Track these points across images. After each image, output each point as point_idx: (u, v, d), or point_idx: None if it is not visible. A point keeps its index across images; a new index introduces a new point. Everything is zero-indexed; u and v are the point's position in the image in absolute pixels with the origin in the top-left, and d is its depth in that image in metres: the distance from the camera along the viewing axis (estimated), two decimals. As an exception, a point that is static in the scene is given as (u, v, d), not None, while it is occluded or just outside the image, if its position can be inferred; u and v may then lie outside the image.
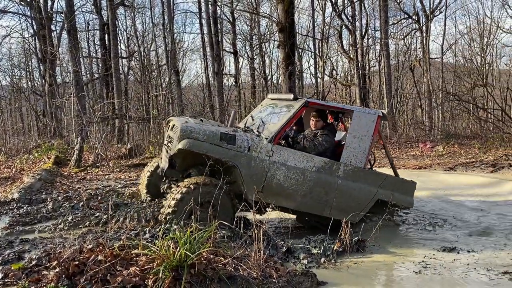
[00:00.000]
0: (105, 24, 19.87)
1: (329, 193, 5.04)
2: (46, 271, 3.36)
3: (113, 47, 16.29)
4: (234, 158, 4.79)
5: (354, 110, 5.26)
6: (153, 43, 23.95)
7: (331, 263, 4.13)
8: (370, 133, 5.16)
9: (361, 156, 5.14)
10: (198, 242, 3.48)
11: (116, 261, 3.43)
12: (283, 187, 4.94)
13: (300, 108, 5.07)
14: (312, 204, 5.03)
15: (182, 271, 3.27)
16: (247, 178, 4.82)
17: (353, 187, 5.10)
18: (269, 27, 25.09)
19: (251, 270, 3.54)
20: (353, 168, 5.11)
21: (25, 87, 27.52)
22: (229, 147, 4.80)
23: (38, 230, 5.01)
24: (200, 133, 4.77)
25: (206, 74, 21.12)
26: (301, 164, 5.00)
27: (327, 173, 5.05)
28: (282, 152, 4.98)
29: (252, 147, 4.88)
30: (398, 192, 5.32)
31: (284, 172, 4.94)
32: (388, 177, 5.38)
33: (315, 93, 17.24)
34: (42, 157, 11.33)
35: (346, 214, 4.85)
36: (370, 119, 5.19)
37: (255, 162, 4.87)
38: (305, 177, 4.98)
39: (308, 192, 5.00)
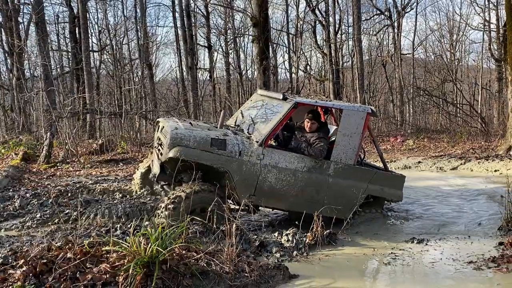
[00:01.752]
0: (75, 16, 19.37)
1: (320, 192, 5.11)
2: (12, 270, 3.27)
3: (84, 40, 15.91)
4: (225, 164, 4.81)
5: (344, 109, 5.25)
6: (125, 36, 23.53)
7: (303, 256, 4.18)
8: (360, 130, 5.19)
9: (351, 153, 5.19)
10: (170, 238, 3.46)
11: (86, 258, 3.38)
12: (275, 189, 4.99)
13: (289, 110, 5.05)
14: (304, 204, 5.03)
15: (153, 267, 3.25)
16: (239, 183, 4.85)
17: (343, 184, 5.17)
18: (243, 22, 25.02)
19: (223, 265, 3.54)
20: (343, 166, 5.17)
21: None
22: (220, 153, 4.79)
23: (4, 229, 4.87)
24: (190, 140, 4.75)
25: (180, 69, 20.92)
26: (292, 165, 5.04)
27: (318, 172, 5.10)
28: (273, 155, 5.01)
29: (243, 151, 4.89)
30: (388, 186, 5.44)
31: (276, 175, 4.99)
32: (377, 172, 5.49)
33: (289, 88, 17.33)
34: (10, 153, 11.00)
35: (338, 211, 4.95)
36: (359, 116, 5.19)
37: (247, 167, 4.89)
38: (297, 178, 5.04)
39: (299, 192, 5.06)
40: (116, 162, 9.81)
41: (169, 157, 4.70)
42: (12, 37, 17.71)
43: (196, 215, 4.53)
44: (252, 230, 4.99)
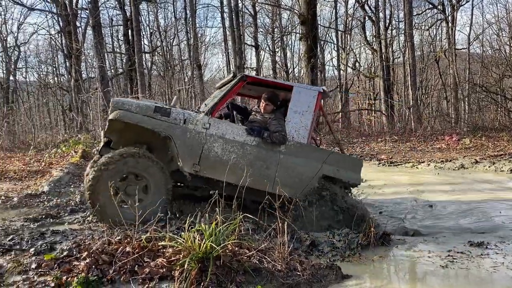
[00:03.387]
0: (128, 19, 20.13)
1: (271, 168, 4.97)
2: (76, 262, 3.46)
3: (137, 42, 16.48)
4: (167, 129, 4.77)
5: (294, 86, 5.22)
6: (175, 38, 24.16)
7: (356, 257, 4.11)
8: (311, 108, 5.10)
9: (303, 132, 5.08)
10: (223, 235, 3.53)
11: (143, 252, 3.52)
12: (221, 160, 4.88)
13: (237, 82, 5.05)
14: (254, 179, 4.80)
15: (208, 263, 3.32)
16: (182, 149, 4.80)
17: (296, 162, 5.02)
18: (290, 20, 24.96)
19: (275, 262, 3.56)
20: (295, 144, 5.03)
21: (51, 82, 28.19)
22: (163, 119, 4.79)
23: (67, 222, 5.14)
24: (132, 105, 4.80)
25: (227, 68, 21.18)
26: (240, 137, 4.95)
27: (269, 148, 4.97)
28: (220, 125, 4.95)
29: (188, 119, 4.87)
30: (344, 168, 5.18)
31: (222, 145, 4.90)
32: (333, 153, 5.35)
33: (338, 85, 17.08)
34: (70, 151, 11.60)
35: (291, 189, 4.80)
36: (310, 94, 5.14)
37: (191, 134, 4.84)
38: (245, 151, 4.94)
39: (248, 166, 4.86)
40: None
41: (109, 120, 4.75)
42: (70, 40, 18.67)
43: (131, 181, 4.65)
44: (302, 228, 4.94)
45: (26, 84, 29.68)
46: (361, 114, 20.55)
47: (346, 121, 17.46)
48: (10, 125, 17.83)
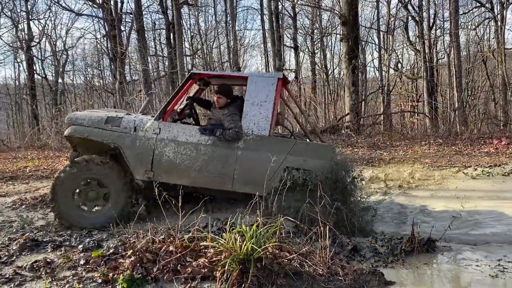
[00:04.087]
0: (170, 23, 20.58)
1: (228, 165, 4.80)
2: (122, 259, 3.57)
3: (178, 45, 16.81)
4: (116, 140, 4.82)
5: (249, 76, 4.99)
6: (215, 40, 24.46)
7: (399, 263, 4.01)
8: (271, 98, 4.83)
9: (264, 124, 4.83)
10: (263, 237, 3.53)
11: (186, 252, 3.58)
12: (174, 163, 4.82)
13: (184, 81, 4.97)
14: (209, 179, 4.82)
15: (249, 265, 3.34)
16: (131, 158, 4.82)
17: (255, 157, 4.78)
18: (331, 20, 24.69)
19: (316, 266, 3.53)
20: (254, 137, 4.82)
21: (97, 85, 29.23)
22: (113, 129, 4.85)
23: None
24: (85, 119, 4.94)
25: (266, 70, 21.22)
26: (193, 138, 4.84)
27: (225, 146, 4.82)
28: (171, 128, 4.87)
29: (138, 127, 4.86)
30: (312, 157, 4.83)
31: (174, 148, 4.82)
32: (298, 143, 5.02)
33: (380, 87, 16.74)
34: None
35: (252, 186, 4.66)
36: (268, 83, 4.87)
37: (141, 141, 4.83)
38: (199, 152, 4.82)
39: (203, 167, 4.80)
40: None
41: (64, 136, 5.03)
42: (115, 44, 19.31)
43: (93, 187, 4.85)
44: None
45: (73, 87, 30.95)
46: (403, 116, 20.02)
47: (388, 123, 17.07)
48: (58, 125, 18.65)
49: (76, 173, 4.79)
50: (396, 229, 5.13)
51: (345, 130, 14.71)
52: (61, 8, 25.81)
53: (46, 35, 28.64)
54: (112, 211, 4.71)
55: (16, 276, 3.42)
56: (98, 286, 3.24)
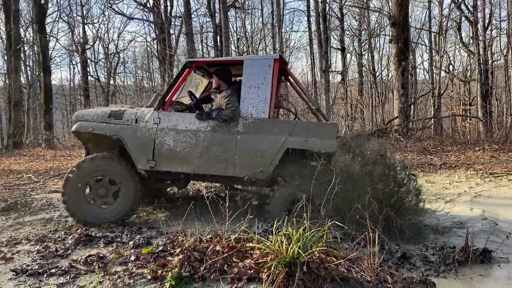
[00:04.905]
0: (217, 26, 20.90)
1: (228, 151, 4.79)
2: (170, 257, 3.64)
3: (225, 48, 17.04)
4: (119, 132, 4.94)
5: (244, 59, 4.95)
6: (260, 43, 24.59)
7: (451, 273, 3.84)
8: (268, 79, 4.77)
9: (262, 106, 4.77)
10: (310, 241, 3.50)
11: (232, 252, 3.60)
12: (175, 152, 4.87)
13: (181, 70, 5.01)
14: (211, 165, 4.83)
15: (295, 268, 3.31)
16: (133, 148, 4.92)
17: (255, 140, 4.76)
18: (379, 21, 24.17)
19: (364, 273, 3.45)
20: (254, 121, 4.78)
21: (146, 86, 30.16)
22: (116, 122, 4.99)
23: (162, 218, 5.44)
24: (90, 115, 5.13)
25: (312, 72, 21.08)
26: (193, 126, 4.86)
27: (224, 131, 4.80)
28: (171, 117, 4.93)
29: (139, 118, 4.98)
30: (314, 137, 4.73)
31: (174, 137, 4.87)
32: (298, 123, 4.93)
33: (431, 89, 16.17)
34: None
35: (252, 169, 4.72)
36: (265, 64, 4.81)
37: (142, 132, 4.93)
38: (198, 138, 4.83)
39: (204, 153, 4.82)
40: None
41: (72, 132, 5.27)
42: (164, 47, 19.85)
43: (105, 185, 5.00)
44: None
45: (124, 88, 32.12)
46: (454, 120, 19.23)
47: (439, 127, 16.46)
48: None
49: (83, 172, 4.97)
50: (447, 238, 4.92)
51: (393, 134, 14.32)
52: (114, 13, 26.95)
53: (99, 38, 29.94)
54: (122, 207, 4.96)
55: (71, 269, 3.57)
56: (148, 283, 3.31)
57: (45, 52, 18.33)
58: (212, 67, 5.56)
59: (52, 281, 3.39)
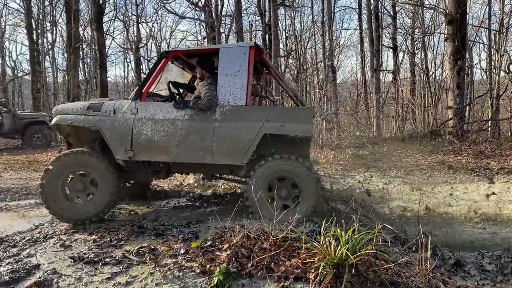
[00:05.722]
0: (267, 24, 20.94)
1: (206, 138, 4.82)
2: (219, 252, 3.71)
3: (274, 46, 17.03)
4: (97, 123, 4.98)
5: (220, 48, 4.95)
6: (309, 41, 24.38)
7: (510, 284, 3.65)
8: (245, 67, 4.80)
9: (239, 94, 4.81)
10: (359, 243, 3.44)
11: (279, 251, 3.61)
12: (152, 141, 4.89)
13: (158, 60, 5.03)
14: (189, 153, 4.86)
15: (343, 270, 3.27)
16: (111, 138, 4.95)
17: (233, 127, 4.79)
18: (433, 19, 23.25)
19: (415, 278, 3.35)
20: (231, 108, 4.82)
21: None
22: (94, 114, 5.03)
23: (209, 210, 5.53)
24: (70, 108, 5.20)
25: (362, 71, 20.64)
26: (170, 115, 4.90)
27: (202, 119, 4.84)
28: (148, 107, 4.96)
29: (117, 109, 5.01)
30: (290, 121, 4.74)
31: (151, 126, 4.90)
32: (275, 109, 4.97)
33: (488, 90, 15.37)
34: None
35: (232, 157, 4.78)
36: (240, 52, 4.83)
37: (119, 122, 4.95)
38: (176, 127, 4.86)
39: (181, 142, 4.85)
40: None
41: (52, 125, 5.35)
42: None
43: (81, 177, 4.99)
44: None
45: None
46: (514, 123, 18.15)
47: (497, 130, 15.62)
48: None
49: (62, 166, 4.98)
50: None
51: (447, 136, 13.75)
52: (167, 12, 27.65)
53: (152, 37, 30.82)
54: (100, 201, 4.96)
55: (124, 259, 3.71)
56: (196, 276, 3.39)
57: (102, 50, 19.12)
58: (191, 58, 5.62)
59: (106, 269, 3.54)
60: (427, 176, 8.52)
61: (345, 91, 26.36)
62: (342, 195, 6.32)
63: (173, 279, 3.35)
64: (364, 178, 7.87)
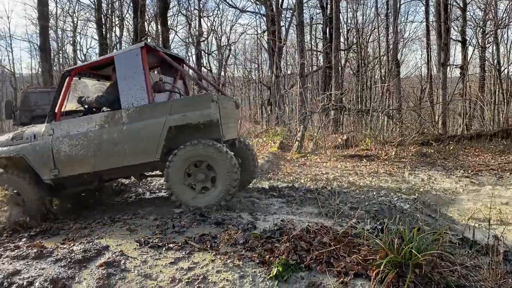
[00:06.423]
0: (328, 17, 20.61)
1: (118, 143, 5.03)
2: (278, 244, 3.72)
3: (335, 39, 16.76)
4: (20, 150, 5.36)
5: (114, 56, 5.19)
6: (371, 34, 23.69)
7: None
8: (140, 68, 5.00)
9: (140, 94, 5.01)
10: (424, 243, 3.32)
11: (339, 246, 3.56)
12: (71, 156, 5.18)
13: (61, 80, 5.31)
14: (106, 160, 5.10)
15: (406, 269, 3.17)
16: (35, 162, 5.30)
17: (139, 127, 4.99)
18: (508, 11, 21.71)
19: (484, 283, 3.18)
20: (135, 109, 5.02)
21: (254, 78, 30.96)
22: (18, 143, 5.43)
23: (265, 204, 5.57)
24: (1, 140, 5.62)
25: (428, 66, 19.75)
26: (82, 128, 5.17)
27: (112, 125, 5.08)
28: (63, 126, 5.26)
29: (37, 134, 5.36)
30: (190, 110, 4.92)
31: (68, 142, 5.18)
32: (175, 101, 5.20)
33: None
34: (269, 141, 12.59)
35: (144, 155, 4.99)
36: (132, 55, 5.05)
37: (39, 146, 5.29)
38: (89, 138, 5.12)
39: (97, 151, 5.10)
40: (360, 158, 9.99)
41: None
42: (274, 39, 20.15)
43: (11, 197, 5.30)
44: None
45: (232, 79, 33.40)
46: None
47: None
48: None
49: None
50: None
51: (520, 136, 12.83)
52: (228, 6, 27.97)
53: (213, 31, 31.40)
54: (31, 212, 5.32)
55: (186, 245, 3.83)
56: (256, 266, 3.42)
57: (165, 44, 19.75)
58: (95, 70, 5.95)
59: (170, 254, 3.67)
60: (497, 177, 8.03)
61: (408, 86, 25.38)
62: (404, 193, 6.12)
63: (233, 267, 3.40)
64: (428, 177, 7.56)
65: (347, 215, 4.68)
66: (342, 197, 5.55)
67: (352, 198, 5.39)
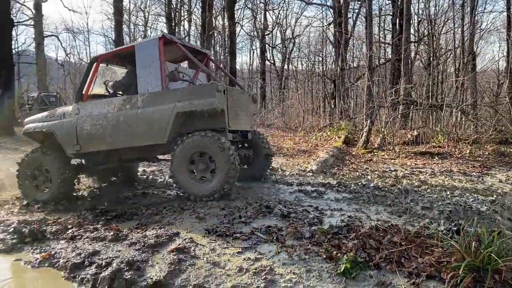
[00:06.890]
0: (398, 8, 19.80)
1: (132, 125, 5.47)
2: (345, 240, 3.65)
3: (405, 31, 16.07)
4: (51, 127, 6.01)
5: (135, 45, 5.59)
6: (444, 26, 22.43)
7: None
8: (156, 57, 5.36)
9: (155, 81, 5.38)
10: (505, 248, 3.10)
11: (411, 246, 3.43)
12: (91, 134, 5.74)
13: (89, 65, 5.87)
14: (121, 140, 5.57)
15: (484, 274, 2.99)
16: (61, 137, 5.93)
17: (151, 111, 5.37)
18: None
19: None
20: (150, 94, 5.42)
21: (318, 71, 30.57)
22: (50, 119, 6.08)
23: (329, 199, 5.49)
24: (35, 118, 6.33)
25: (507, 59, 18.33)
26: (103, 109, 5.70)
27: (128, 108, 5.54)
28: (87, 106, 5.83)
29: (66, 113, 5.99)
30: (197, 98, 5.21)
31: (90, 121, 5.73)
32: (184, 89, 5.45)
33: None
34: (333, 135, 12.40)
35: (154, 137, 5.37)
36: (150, 46, 5.41)
37: (66, 123, 5.90)
38: (108, 119, 5.63)
39: (114, 131, 5.58)
40: (431, 155, 9.53)
41: (23, 134, 6.48)
42: (340, 31, 19.72)
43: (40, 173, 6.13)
44: None
45: (295, 72, 33.20)
46: None
47: None
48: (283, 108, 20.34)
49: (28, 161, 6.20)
50: None
51: None
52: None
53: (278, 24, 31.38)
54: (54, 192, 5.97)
55: (252, 236, 3.88)
56: (322, 261, 3.38)
57: (232, 38, 20.07)
58: (122, 58, 6.34)
59: (237, 244, 3.73)
60: None
61: (483, 80, 23.78)
62: (481, 194, 5.75)
63: (298, 261, 3.39)
64: (506, 178, 7.06)
65: (418, 214, 4.49)
66: (413, 196, 5.33)
67: (424, 197, 5.16)
